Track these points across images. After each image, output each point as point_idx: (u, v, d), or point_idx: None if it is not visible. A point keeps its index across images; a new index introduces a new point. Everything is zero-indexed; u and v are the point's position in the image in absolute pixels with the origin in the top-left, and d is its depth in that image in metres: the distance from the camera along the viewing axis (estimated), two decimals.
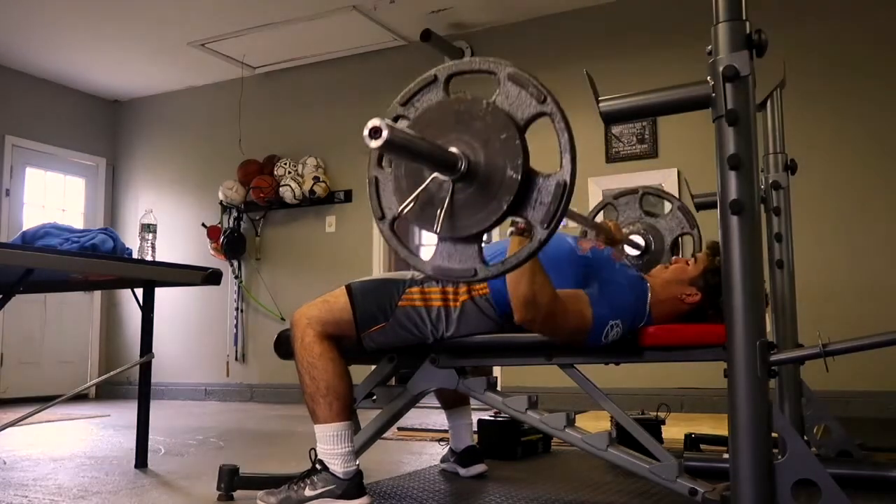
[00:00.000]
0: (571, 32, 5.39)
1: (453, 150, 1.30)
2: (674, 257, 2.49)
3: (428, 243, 9.13)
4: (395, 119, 1.40)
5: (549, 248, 1.41)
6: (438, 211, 1.32)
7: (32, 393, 5.92)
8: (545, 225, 1.28)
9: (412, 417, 3.62)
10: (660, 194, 2.82)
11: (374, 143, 1.12)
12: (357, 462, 2.02)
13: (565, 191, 1.27)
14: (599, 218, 2.88)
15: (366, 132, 1.13)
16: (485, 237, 1.36)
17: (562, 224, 1.30)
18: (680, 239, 2.82)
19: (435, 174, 1.32)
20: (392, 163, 1.41)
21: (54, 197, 6.81)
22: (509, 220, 1.49)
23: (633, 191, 2.90)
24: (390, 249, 6.16)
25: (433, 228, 1.33)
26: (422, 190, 1.33)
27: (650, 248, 2.79)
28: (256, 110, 6.53)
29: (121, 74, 6.68)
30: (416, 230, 8.87)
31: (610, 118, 1.58)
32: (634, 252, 2.81)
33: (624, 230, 2.62)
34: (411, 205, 1.34)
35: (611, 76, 4.08)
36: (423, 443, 3.35)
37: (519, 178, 1.27)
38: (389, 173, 1.43)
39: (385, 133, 1.12)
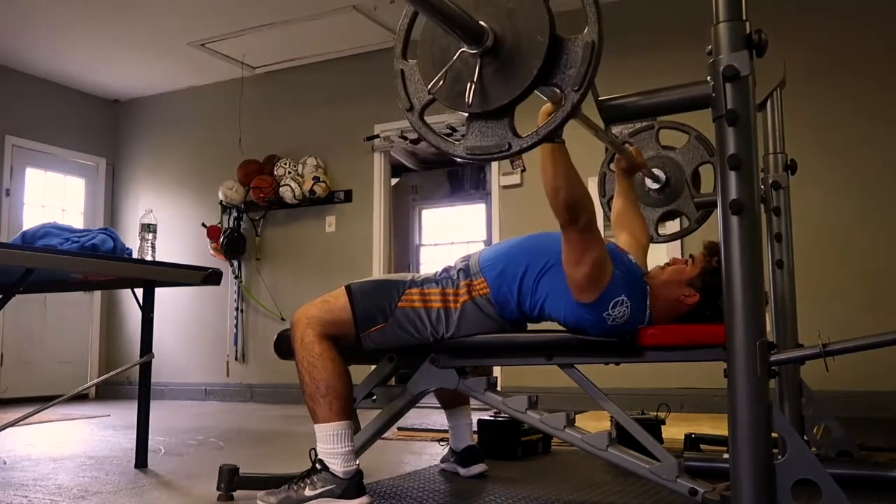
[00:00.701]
0: (572, 32, 5.38)
1: (480, 22, 1.28)
2: (672, 257, 2.48)
3: (427, 243, 9.13)
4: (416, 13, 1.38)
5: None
6: (469, 85, 1.30)
7: (32, 393, 5.91)
8: (577, 87, 1.26)
9: (412, 417, 3.62)
10: (677, 127, 2.83)
11: None
12: (357, 462, 2.02)
13: (594, 51, 1.26)
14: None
15: None
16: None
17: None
18: (699, 168, 2.82)
19: (462, 49, 1.30)
20: (417, 52, 1.40)
21: (54, 197, 6.81)
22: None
23: (650, 126, 2.90)
24: (390, 250, 6.18)
25: (465, 103, 1.32)
26: (450, 66, 1.32)
27: (670, 181, 2.81)
28: (256, 110, 6.53)
29: (121, 74, 6.68)
30: (416, 226, 8.91)
31: (610, 118, 1.58)
32: (654, 185, 2.81)
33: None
34: (441, 82, 1.32)
35: (611, 76, 4.07)
36: (423, 443, 3.35)
37: (546, 41, 1.25)
38: (414, 64, 1.41)
39: None
